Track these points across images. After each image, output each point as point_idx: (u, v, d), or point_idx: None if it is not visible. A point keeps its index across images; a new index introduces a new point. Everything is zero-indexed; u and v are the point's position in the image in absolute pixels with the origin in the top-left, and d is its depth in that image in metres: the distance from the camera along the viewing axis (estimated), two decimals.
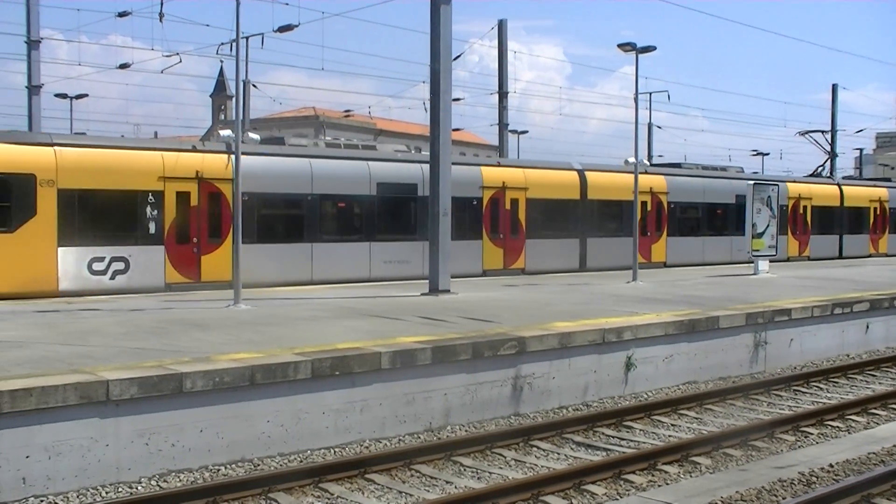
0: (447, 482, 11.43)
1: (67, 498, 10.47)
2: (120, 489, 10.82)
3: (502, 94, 45.71)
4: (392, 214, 29.39)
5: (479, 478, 11.67)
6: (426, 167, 25.38)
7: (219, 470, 11.59)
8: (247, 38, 37.14)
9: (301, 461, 12.12)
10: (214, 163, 25.55)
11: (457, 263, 25.40)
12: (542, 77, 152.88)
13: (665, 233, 37.39)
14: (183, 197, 24.82)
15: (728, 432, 13.63)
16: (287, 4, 33.94)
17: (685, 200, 38.56)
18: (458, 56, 39.88)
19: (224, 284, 24.35)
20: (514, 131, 59.23)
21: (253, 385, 12.07)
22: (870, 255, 47.40)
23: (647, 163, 44.83)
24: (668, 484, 11.28)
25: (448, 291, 23.02)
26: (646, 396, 16.58)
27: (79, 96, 52.29)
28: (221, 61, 68.97)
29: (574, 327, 16.38)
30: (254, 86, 42.17)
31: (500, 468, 12.10)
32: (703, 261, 38.60)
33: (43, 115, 38.06)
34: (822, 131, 51.69)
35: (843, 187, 46.96)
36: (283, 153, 27.82)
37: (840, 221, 46.21)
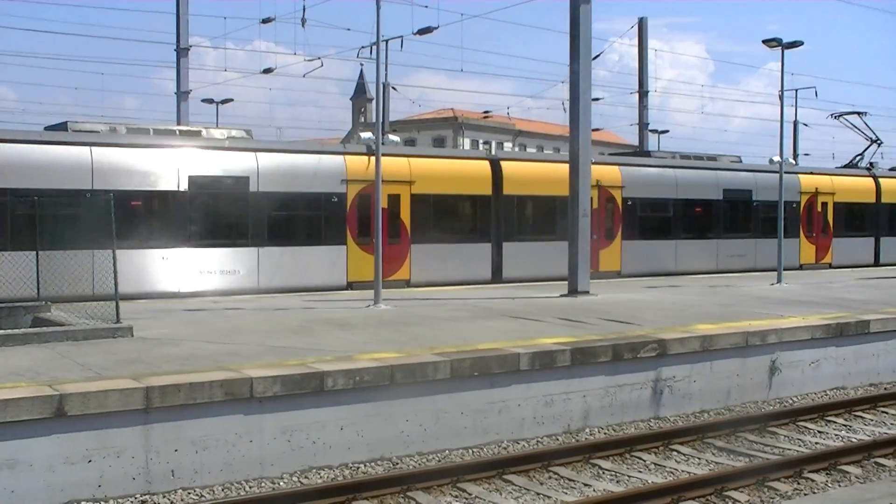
0: (585, 485, 11.32)
1: (213, 491, 10.76)
2: (263, 484, 11.06)
3: (643, 92, 45.14)
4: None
5: (617, 481, 11.52)
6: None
7: (358, 467, 11.73)
8: (387, 41, 37.46)
9: (440, 461, 12.17)
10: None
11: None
12: (684, 75, 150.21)
13: (619, 236, 31.33)
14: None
15: (880, 441, 13.12)
16: (426, 7, 34.26)
17: (648, 196, 32.42)
18: (598, 55, 39.57)
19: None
20: (654, 131, 58.36)
21: (393, 384, 12.18)
22: None
23: (794, 161, 42.91)
24: (815, 493, 10.95)
25: (587, 293, 22.82)
26: (791, 402, 16.10)
27: (224, 101, 53.71)
28: (362, 64, 69.82)
29: (716, 330, 16.03)
30: (393, 88, 42.58)
31: (640, 472, 11.91)
32: (677, 269, 32.49)
33: (191, 119, 39.27)
34: (859, 113, 40.79)
35: (882, 180, 40.09)
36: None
37: (876, 221, 39.58)
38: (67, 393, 10.22)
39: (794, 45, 28.20)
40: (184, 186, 23.71)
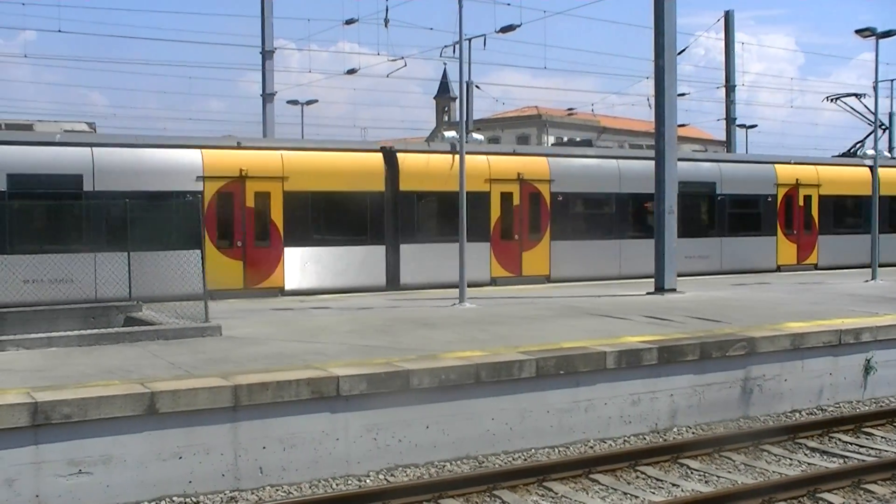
0: (673, 485, 11.17)
1: (300, 488, 10.86)
2: (349, 482, 11.13)
3: (729, 87, 44.47)
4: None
5: (706, 481, 11.35)
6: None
7: (444, 466, 11.74)
8: (469, 39, 37.48)
9: (525, 459, 12.12)
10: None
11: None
12: (772, 68, 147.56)
13: (547, 236, 27.91)
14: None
15: None
16: (509, 5, 34.22)
17: (583, 191, 28.97)
18: (683, 50, 39.05)
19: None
20: (741, 125, 57.47)
21: (478, 383, 12.16)
22: None
23: (889, 155, 39.85)
24: None
25: (674, 290, 22.56)
26: (888, 402, 15.69)
27: (309, 102, 54.31)
28: (445, 63, 69.91)
29: (807, 328, 15.70)
30: (477, 86, 42.68)
31: (729, 472, 11.72)
32: (622, 273, 28.78)
33: (276, 121, 39.75)
34: (857, 95, 35.38)
35: (881, 171, 32.78)
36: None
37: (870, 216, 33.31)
38: (158, 391, 10.41)
39: (889, 34, 27.56)
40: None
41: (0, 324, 16.89)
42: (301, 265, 24.41)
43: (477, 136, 29.91)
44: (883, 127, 36.34)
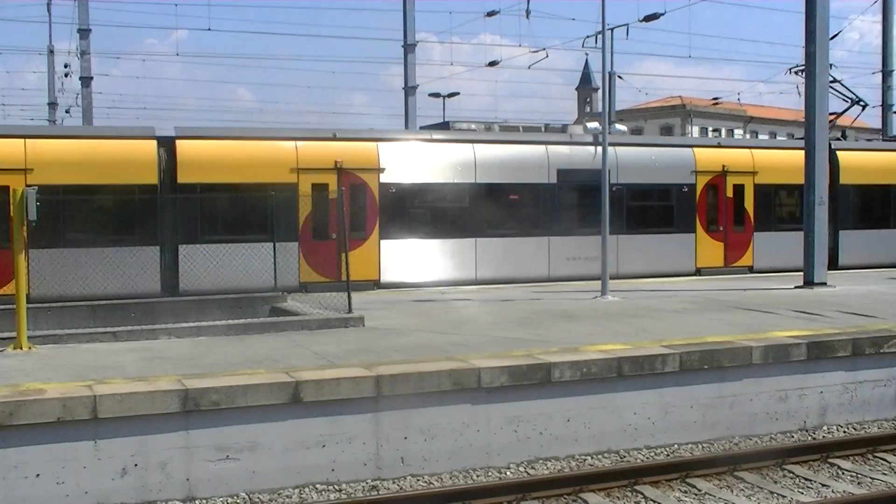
0: (823, 485, 10.81)
1: (441, 479, 10.91)
2: (490, 473, 11.13)
3: (886, 72, 42.75)
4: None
5: (858, 483, 10.94)
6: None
7: (585, 460, 11.64)
8: (612, 29, 37.08)
9: (668, 455, 11.92)
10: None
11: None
12: None
13: (375, 234, 23.99)
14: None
15: None
16: None
17: (425, 181, 24.62)
18: (836, 35, 37.61)
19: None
20: None
21: (620, 377, 12.01)
22: None
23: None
24: None
25: (824, 284, 21.85)
26: None
27: (450, 95, 54.57)
28: (587, 54, 69.56)
29: None
30: (619, 77, 42.14)
31: (884, 474, 11.27)
32: (478, 277, 24.60)
33: (418, 114, 40.09)
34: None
35: (843, 154, 29.72)
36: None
37: (832, 209, 26.93)
38: (303, 380, 10.61)
39: None
40: None
41: (153, 313, 17.50)
42: (49, 268, 20.59)
43: (620, 127, 29.55)
44: (862, 104, 31.71)
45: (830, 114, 30.69)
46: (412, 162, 24.53)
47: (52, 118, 48.78)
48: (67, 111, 50.72)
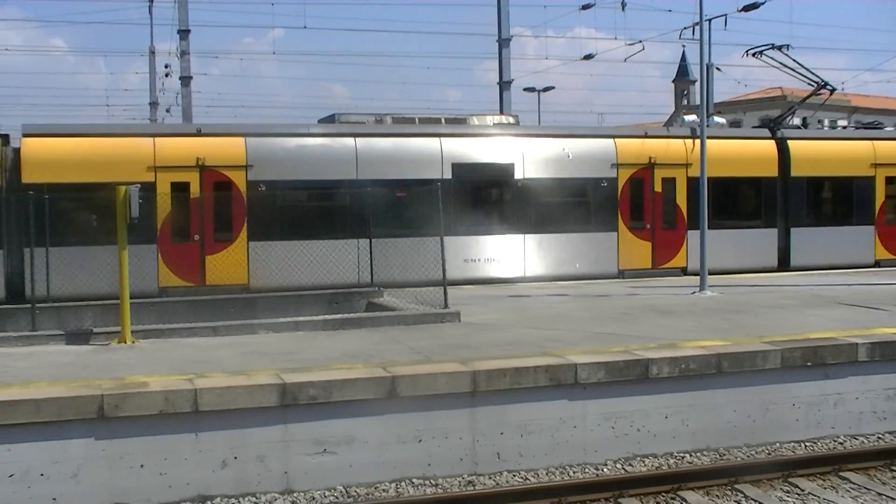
0: None
1: (537, 474, 10.86)
2: (586, 469, 11.03)
3: None
4: None
5: None
6: None
7: (683, 457, 11.46)
8: (709, 20, 36.47)
9: (769, 453, 11.68)
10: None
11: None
12: None
13: (242, 236, 22.23)
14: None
15: None
16: None
17: (300, 178, 22.65)
18: None
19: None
20: None
21: (719, 373, 11.80)
22: (877, 264, 27.28)
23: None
24: None
25: None
26: None
27: (546, 89, 54.30)
28: (683, 46, 68.32)
29: None
30: (717, 69, 41.38)
31: None
32: (362, 280, 21.98)
33: (513, 109, 39.95)
34: (778, 47, 27.01)
35: (794, 143, 26.94)
36: None
37: (783, 204, 26.66)
38: (399, 375, 10.65)
39: None
40: None
41: (252, 308, 17.77)
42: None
43: (718, 119, 29.02)
44: (829, 88, 28.75)
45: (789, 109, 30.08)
46: (285, 158, 22.76)
47: (154, 117, 49.84)
48: (168, 110, 51.85)
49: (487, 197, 24.20)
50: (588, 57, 43.27)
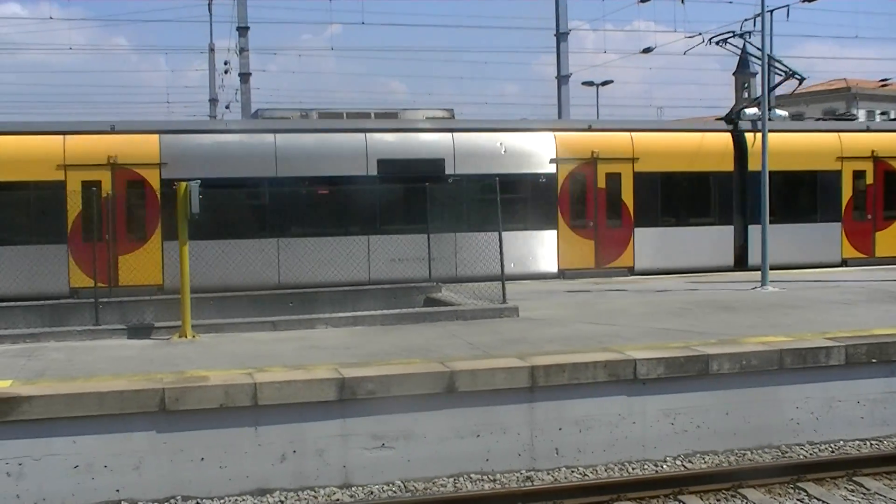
0: None
1: (596, 471, 10.78)
2: (646, 466, 10.94)
3: None
4: None
5: None
6: None
7: (744, 454, 11.32)
8: (771, 11, 35.99)
9: (833, 451, 11.49)
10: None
11: None
12: None
13: (157, 237, 21.48)
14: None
15: None
16: None
17: (215, 176, 20.66)
18: None
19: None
20: None
21: (781, 369, 11.63)
22: (844, 263, 26.00)
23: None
24: None
25: None
26: None
27: (604, 83, 54.00)
28: (745, 37, 67.55)
29: None
30: (777, 61, 40.99)
31: None
32: (282, 281, 21.39)
33: (571, 103, 39.75)
34: (740, 34, 26.33)
35: (751, 136, 25.26)
36: None
37: (740, 200, 25.29)
38: (457, 370, 10.64)
39: None
40: None
41: (312, 303, 17.87)
42: None
43: (780, 112, 28.59)
44: (798, 77, 27.09)
45: (753, 99, 27.81)
46: (201, 155, 21.90)
47: (213, 114, 50.29)
48: (227, 107, 52.36)
49: (416, 194, 21.94)
50: (647, 50, 43.02)
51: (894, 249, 26.30)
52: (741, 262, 24.98)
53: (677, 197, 24.68)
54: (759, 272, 19.84)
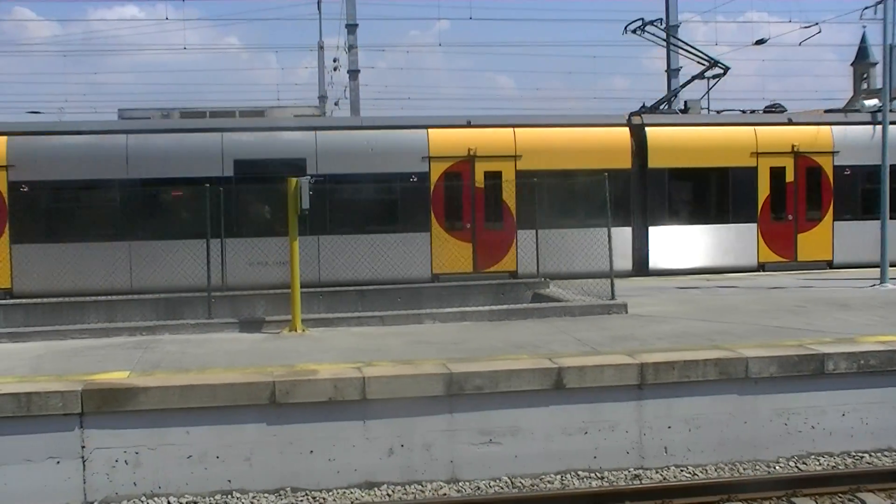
0: None
1: (706, 470, 10.60)
2: (757, 467, 10.72)
3: None
4: None
5: None
6: None
7: (862, 457, 10.99)
8: None
9: None
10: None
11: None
12: None
13: (6, 237, 21.08)
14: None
15: None
16: None
17: (61, 179, 21.20)
18: None
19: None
20: None
21: None
22: (761, 268, 24.04)
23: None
24: None
25: None
26: None
27: (714, 76, 53.04)
28: (864, 26, 65.61)
29: None
30: None
31: None
32: (134, 286, 20.73)
33: (682, 96, 39.13)
34: (651, 22, 25.60)
35: (653, 130, 23.89)
36: None
37: (640, 200, 23.65)
38: (565, 366, 10.57)
39: None
40: None
41: (418, 298, 17.98)
42: None
43: None
44: (722, 66, 26.14)
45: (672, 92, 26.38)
46: (51, 157, 21.38)
47: (322, 111, 50.89)
48: (336, 104, 52.89)
49: (275, 196, 20.00)
50: (760, 41, 42.04)
51: (820, 253, 24.17)
52: (641, 267, 23.41)
53: (567, 197, 21.80)
54: (659, 277, 19.05)
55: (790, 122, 24.74)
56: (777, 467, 10.74)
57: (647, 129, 23.76)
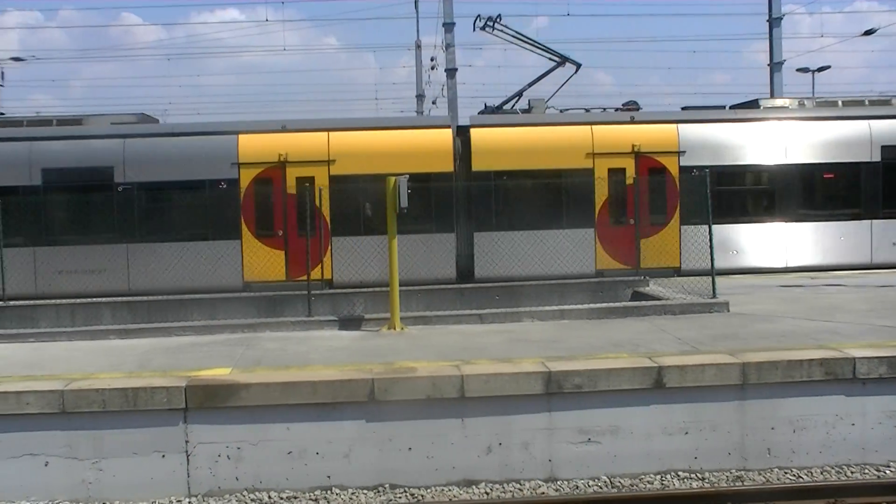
0: None
1: (811, 473, 10.37)
2: (866, 470, 10.44)
3: None
4: None
5: None
6: None
7: None
8: None
9: None
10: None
11: None
12: None
13: None
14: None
15: None
16: None
17: None
18: None
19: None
20: None
21: None
22: (599, 275, 21.66)
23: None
24: None
25: None
26: None
27: (820, 69, 51.84)
28: None
29: None
30: None
31: None
32: (38, 292, 20.42)
33: (784, 90, 38.37)
34: (488, 18, 24.36)
35: (477, 132, 22.55)
36: None
37: (463, 205, 22.34)
38: (665, 365, 10.44)
39: None
40: None
41: (516, 296, 17.95)
42: None
43: None
44: (575, 63, 24.47)
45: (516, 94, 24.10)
46: None
47: (420, 110, 51.10)
48: (434, 102, 53.14)
49: (83, 205, 21.20)
50: (869, 32, 40.96)
51: (666, 259, 22.20)
52: (466, 274, 22.15)
53: (383, 202, 19.17)
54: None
55: (632, 121, 23.19)
56: (887, 472, 10.45)
57: (471, 130, 22.61)
